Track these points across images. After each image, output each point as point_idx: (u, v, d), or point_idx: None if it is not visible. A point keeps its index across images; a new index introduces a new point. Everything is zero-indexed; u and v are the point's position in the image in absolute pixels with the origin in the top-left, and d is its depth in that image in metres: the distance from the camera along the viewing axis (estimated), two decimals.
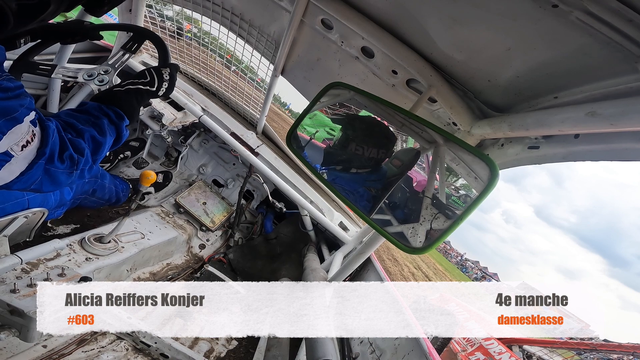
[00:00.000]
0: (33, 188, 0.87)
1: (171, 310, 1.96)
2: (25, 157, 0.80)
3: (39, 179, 0.86)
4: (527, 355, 4.54)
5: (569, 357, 4.39)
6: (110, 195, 2.12)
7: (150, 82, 1.12)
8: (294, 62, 1.94)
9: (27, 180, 0.84)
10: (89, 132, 0.97)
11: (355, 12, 1.36)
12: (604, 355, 4.41)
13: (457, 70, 1.30)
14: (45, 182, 0.88)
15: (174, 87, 1.21)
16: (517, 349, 4.54)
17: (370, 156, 1.40)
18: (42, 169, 0.85)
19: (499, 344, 4.39)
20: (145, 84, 1.11)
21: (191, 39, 2.58)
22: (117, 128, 1.05)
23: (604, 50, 0.78)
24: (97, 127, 1.00)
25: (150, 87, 1.12)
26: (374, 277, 2.13)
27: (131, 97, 1.09)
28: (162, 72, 1.15)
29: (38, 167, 0.84)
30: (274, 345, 1.50)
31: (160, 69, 1.16)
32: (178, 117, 2.62)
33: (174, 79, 1.20)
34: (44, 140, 0.84)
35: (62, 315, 1.13)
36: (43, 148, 0.84)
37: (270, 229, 2.93)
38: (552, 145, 1.18)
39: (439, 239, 0.99)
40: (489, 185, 0.90)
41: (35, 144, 0.82)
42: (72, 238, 1.72)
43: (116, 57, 1.24)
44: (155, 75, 1.13)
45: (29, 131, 0.79)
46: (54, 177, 0.89)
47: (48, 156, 0.85)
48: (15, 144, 0.76)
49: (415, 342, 1.46)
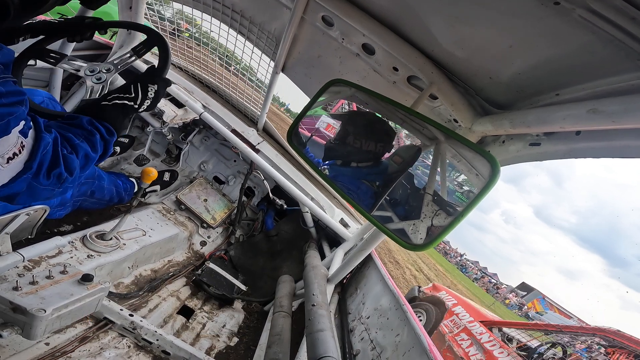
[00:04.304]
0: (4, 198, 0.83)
1: (173, 308, 1.98)
2: (11, 170, 0.77)
3: (18, 191, 0.82)
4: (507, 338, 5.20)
5: (538, 336, 5.18)
6: (111, 196, 2.12)
7: (134, 98, 1.10)
8: (294, 59, 1.93)
9: (6, 192, 0.80)
10: (84, 149, 0.95)
11: (356, 9, 1.35)
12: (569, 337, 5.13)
13: (459, 67, 1.30)
14: (23, 196, 0.84)
15: (156, 105, 1.18)
16: (496, 330, 5.22)
17: (370, 152, 1.40)
18: (27, 183, 0.81)
19: (480, 326, 5.08)
20: (130, 100, 1.09)
21: (191, 37, 2.57)
22: (106, 145, 1.04)
23: (606, 47, 0.78)
24: (90, 143, 0.98)
25: (134, 104, 1.10)
26: (374, 274, 2.14)
27: (119, 113, 1.07)
28: (149, 88, 1.12)
29: (23, 181, 0.80)
30: (275, 342, 1.50)
31: (147, 85, 1.12)
32: (179, 114, 2.62)
33: (159, 97, 1.17)
34: (34, 153, 0.80)
35: (65, 312, 1.14)
36: (31, 161, 0.80)
37: (271, 225, 2.93)
38: (553, 142, 1.18)
39: (440, 235, 0.99)
40: (490, 182, 0.90)
41: (23, 157, 0.78)
42: (73, 235, 1.72)
43: (122, 57, 1.23)
44: (141, 92, 1.10)
45: (17, 143, 0.76)
46: (34, 192, 0.85)
47: (34, 171, 0.81)
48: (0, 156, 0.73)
49: (416, 339, 1.47)
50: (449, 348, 5.06)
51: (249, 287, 2.44)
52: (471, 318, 5.30)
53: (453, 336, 5.16)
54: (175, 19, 2.44)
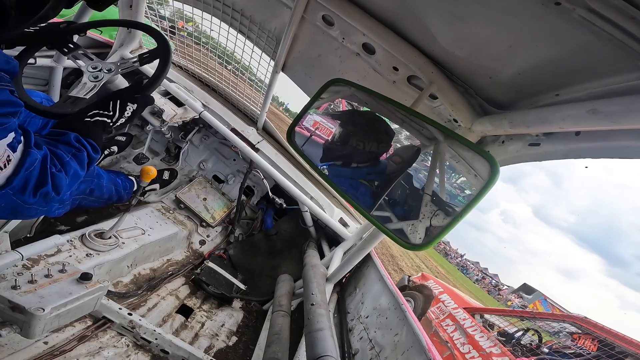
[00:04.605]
0: None
1: (172, 307, 1.97)
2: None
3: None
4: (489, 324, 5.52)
5: (515, 322, 5.50)
6: (110, 194, 2.11)
7: (112, 116, 1.08)
8: (294, 58, 1.93)
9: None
10: (72, 167, 0.94)
11: (356, 9, 1.35)
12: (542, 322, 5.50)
13: (459, 67, 1.30)
14: (4, 211, 0.81)
15: (127, 125, 1.17)
16: (478, 316, 5.52)
17: (370, 151, 1.40)
18: (8, 199, 0.78)
19: (464, 312, 5.39)
20: (108, 117, 1.07)
21: (190, 36, 2.57)
22: (90, 162, 1.03)
23: (606, 47, 0.78)
24: (79, 160, 0.97)
25: (110, 121, 1.08)
26: (374, 273, 2.14)
27: (100, 130, 1.07)
28: (127, 107, 1.11)
29: (2, 196, 0.77)
30: (273, 341, 1.50)
31: (127, 104, 1.10)
32: (178, 112, 2.62)
33: (134, 117, 1.15)
34: (18, 169, 0.77)
35: (63, 311, 1.14)
36: (13, 177, 0.77)
37: (271, 225, 2.93)
38: (552, 143, 1.18)
39: (439, 235, 0.99)
40: (489, 182, 0.91)
41: (7, 172, 0.75)
42: (72, 234, 1.72)
43: (126, 60, 1.23)
44: (118, 110, 1.09)
45: (3, 156, 0.73)
46: (17, 210, 0.83)
47: (19, 187, 0.79)
48: None
49: (415, 338, 1.47)
50: (436, 333, 5.33)
51: (248, 286, 2.43)
52: (455, 305, 5.61)
53: (439, 322, 5.45)
54: (175, 18, 2.44)
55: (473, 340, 4.73)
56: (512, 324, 5.47)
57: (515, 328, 5.44)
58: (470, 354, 4.52)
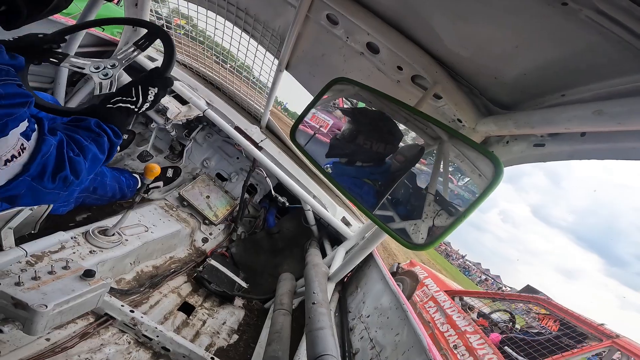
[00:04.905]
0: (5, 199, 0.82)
1: (173, 304, 1.98)
2: (7, 172, 0.76)
3: (19, 194, 0.81)
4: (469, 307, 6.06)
5: (487, 303, 6.10)
6: (113, 192, 2.12)
7: (135, 102, 1.09)
8: (298, 57, 1.93)
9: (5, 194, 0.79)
10: (92, 150, 0.95)
11: (360, 8, 1.35)
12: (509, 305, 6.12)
13: (463, 66, 1.29)
14: (25, 198, 0.83)
15: (153, 107, 1.18)
16: (457, 299, 6.04)
17: (374, 151, 1.40)
18: (27, 185, 0.80)
19: (444, 294, 5.87)
20: (132, 103, 1.09)
21: (187, 36, 2.57)
22: (112, 147, 1.04)
23: (613, 48, 0.77)
24: (99, 144, 0.98)
25: (135, 107, 1.10)
26: (375, 272, 2.13)
27: (124, 116, 1.08)
28: (150, 91, 1.12)
29: (21, 183, 0.78)
30: (274, 340, 1.50)
31: (148, 88, 1.12)
32: (182, 110, 2.62)
33: (158, 100, 1.17)
34: (34, 156, 0.79)
35: (66, 308, 1.14)
36: (29, 164, 0.78)
37: (273, 223, 2.93)
38: (558, 143, 1.17)
39: (442, 235, 0.98)
40: (493, 183, 0.90)
41: (23, 159, 0.77)
42: (76, 230, 1.73)
43: (125, 52, 1.23)
44: (141, 95, 1.10)
45: (17, 144, 0.75)
46: (38, 195, 0.84)
47: (37, 174, 0.80)
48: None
49: (416, 338, 1.47)
50: (419, 314, 5.74)
51: (250, 285, 2.44)
52: (437, 288, 6.11)
53: (423, 304, 5.93)
54: (171, 16, 2.44)
55: (451, 320, 5.19)
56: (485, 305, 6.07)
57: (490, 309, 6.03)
58: (449, 332, 4.99)
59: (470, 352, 4.47)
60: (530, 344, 4.75)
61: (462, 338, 4.78)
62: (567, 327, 4.82)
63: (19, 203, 0.85)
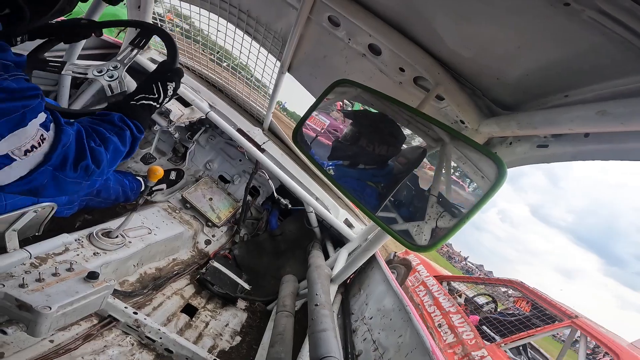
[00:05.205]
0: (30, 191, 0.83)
1: (177, 306, 1.98)
2: (29, 162, 0.77)
3: (43, 184, 0.82)
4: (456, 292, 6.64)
5: (471, 286, 6.86)
6: (117, 195, 2.13)
7: (157, 98, 1.14)
8: (300, 59, 1.93)
9: (26, 185, 0.80)
10: (114, 142, 0.97)
11: (362, 9, 1.35)
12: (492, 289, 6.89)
13: (466, 67, 1.29)
14: (49, 188, 0.85)
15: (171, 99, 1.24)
16: (445, 283, 6.67)
17: (377, 153, 1.40)
18: (50, 175, 0.82)
19: (433, 279, 6.43)
20: (154, 100, 1.13)
21: (190, 36, 2.58)
22: (134, 142, 1.07)
23: (616, 49, 0.77)
24: (121, 137, 1.00)
25: (157, 103, 1.15)
26: (378, 274, 2.13)
27: (147, 113, 1.12)
28: (168, 86, 1.17)
29: (43, 173, 0.80)
30: (277, 342, 1.50)
31: (167, 83, 1.16)
32: (185, 113, 2.63)
33: (175, 93, 1.22)
34: (55, 145, 0.80)
35: (70, 310, 1.15)
36: (51, 153, 0.80)
37: (276, 225, 2.93)
38: (561, 144, 1.17)
39: (445, 237, 0.98)
40: (496, 184, 0.90)
41: (44, 149, 0.78)
42: (80, 233, 1.73)
43: (124, 52, 1.25)
44: (162, 91, 1.15)
45: (37, 135, 0.76)
46: (61, 185, 0.86)
47: (59, 163, 0.82)
48: (17, 148, 0.73)
49: (419, 340, 1.46)
50: (411, 298, 6.19)
51: (253, 287, 2.44)
52: (427, 274, 6.69)
53: (414, 288, 6.50)
54: (171, 13, 2.45)
55: (437, 302, 5.80)
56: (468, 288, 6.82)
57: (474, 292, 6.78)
58: (435, 312, 5.58)
59: (451, 330, 5.03)
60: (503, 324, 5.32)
61: (446, 317, 5.35)
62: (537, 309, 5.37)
63: (44, 194, 0.86)
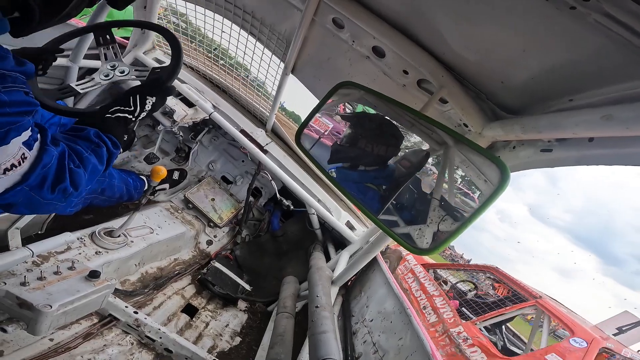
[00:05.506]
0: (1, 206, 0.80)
1: (177, 306, 1.98)
2: (6, 181, 0.74)
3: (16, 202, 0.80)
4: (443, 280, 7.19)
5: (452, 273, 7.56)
6: (120, 194, 2.14)
7: (132, 111, 1.10)
8: (304, 60, 1.94)
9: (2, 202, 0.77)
10: (92, 162, 0.94)
11: (366, 12, 1.35)
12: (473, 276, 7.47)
13: (470, 71, 1.28)
14: (22, 207, 0.82)
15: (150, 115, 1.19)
16: (431, 271, 7.18)
17: (376, 153, 1.39)
18: (25, 195, 0.79)
19: (421, 267, 6.91)
20: (130, 113, 1.09)
21: (194, 37, 2.59)
22: (110, 158, 1.03)
23: (622, 52, 0.76)
24: (98, 155, 0.97)
25: (132, 116, 1.10)
26: (379, 277, 2.12)
27: (122, 126, 1.08)
28: (147, 101, 1.12)
29: (19, 192, 0.77)
30: (277, 343, 1.50)
31: (146, 98, 1.12)
32: (189, 113, 2.64)
33: (155, 109, 1.17)
34: (34, 166, 0.78)
35: (70, 309, 1.15)
36: (29, 174, 0.77)
37: (277, 226, 2.93)
38: (565, 149, 1.16)
39: (446, 240, 0.97)
40: (499, 188, 0.89)
41: (23, 169, 0.76)
42: (82, 231, 1.74)
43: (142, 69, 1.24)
44: (139, 104, 1.11)
45: (18, 154, 0.74)
46: (34, 205, 0.83)
47: (36, 184, 0.79)
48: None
49: (419, 343, 1.45)
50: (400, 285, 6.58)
51: (253, 287, 2.44)
52: (415, 262, 7.10)
53: (403, 276, 6.92)
54: (186, 19, 2.47)
55: (423, 287, 6.28)
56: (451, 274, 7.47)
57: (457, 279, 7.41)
58: (421, 297, 6.07)
59: (434, 311, 5.55)
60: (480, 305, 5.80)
61: (430, 300, 5.86)
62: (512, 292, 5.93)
63: (16, 211, 0.84)
